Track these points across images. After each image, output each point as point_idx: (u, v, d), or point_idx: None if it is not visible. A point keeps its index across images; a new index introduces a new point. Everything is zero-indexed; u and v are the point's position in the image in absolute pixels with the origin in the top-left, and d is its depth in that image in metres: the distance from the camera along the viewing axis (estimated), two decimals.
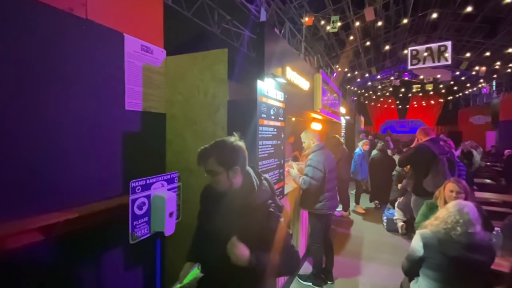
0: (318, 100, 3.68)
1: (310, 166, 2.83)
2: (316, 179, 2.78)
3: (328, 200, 2.90)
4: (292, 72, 2.85)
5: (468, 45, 12.03)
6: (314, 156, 2.90)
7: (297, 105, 3.34)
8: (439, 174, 3.14)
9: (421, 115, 19.63)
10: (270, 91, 2.28)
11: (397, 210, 4.71)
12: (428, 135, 3.38)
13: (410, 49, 10.31)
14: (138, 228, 1.75)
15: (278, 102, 2.46)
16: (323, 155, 2.89)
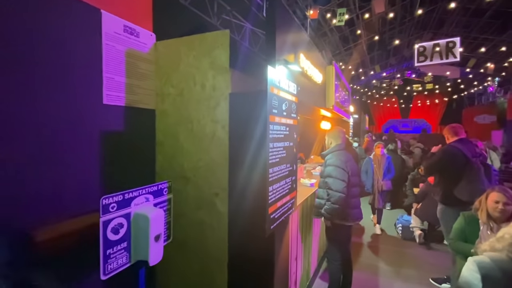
0: (331, 95, 3.25)
1: (332, 166, 2.41)
2: (342, 179, 2.36)
3: (353, 208, 2.48)
4: (306, 60, 2.42)
5: (475, 42, 11.61)
6: (333, 156, 2.49)
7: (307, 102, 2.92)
8: (474, 180, 2.71)
9: (425, 115, 19.21)
10: (282, 81, 1.85)
11: (413, 217, 4.28)
12: (458, 134, 2.95)
13: (417, 45, 9.91)
14: (114, 258, 1.32)
15: (291, 96, 2.03)
16: (344, 156, 2.47)
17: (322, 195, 2.50)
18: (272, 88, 1.70)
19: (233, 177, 1.87)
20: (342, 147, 2.57)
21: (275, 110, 1.74)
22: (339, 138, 2.59)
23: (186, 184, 1.98)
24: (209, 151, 1.92)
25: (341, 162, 2.41)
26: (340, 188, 2.31)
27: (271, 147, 1.70)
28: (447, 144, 2.99)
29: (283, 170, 1.90)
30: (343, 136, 2.61)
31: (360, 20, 9.36)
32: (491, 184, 2.71)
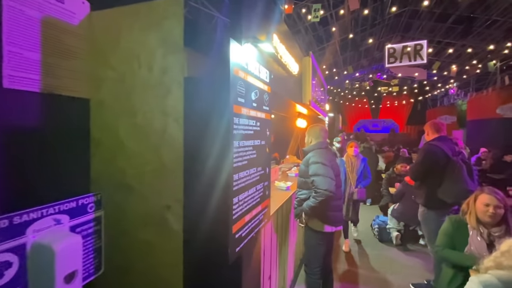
0: (307, 90, 2.95)
1: (318, 164, 2.09)
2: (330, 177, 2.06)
3: (333, 211, 2.18)
4: (280, 44, 2.07)
5: (439, 46, 12.17)
6: (317, 153, 2.18)
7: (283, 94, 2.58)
8: (457, 180, 2.54)
9: (393, 115, 20.02)
10: (251, 64, 1.48)
11: (390, 218, 4.14)
12: (439, 131, 2.79)
13: (387, 47, 10.10)
14: None
15: (262, 84, 1.66)
16: (327, 154, 2.18)
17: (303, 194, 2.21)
18: (237, 70, 1.31)
19: (189, 185, 1.46)
20: (324, 145, 2.28)
21: (242, 99, 1.36)
22: (320, 136, 2.29)
23: (129, 194, 1.52)
24: (159, 152, 1.49)
25: (325, 159, 2.13)
26: (330, 187, 2.02)
27: (237, 146, 1.31)
28: (427, 142, 2.82)
29: (252, 175, 1.53)
30: (324, 134, 2.32)
31: (334, 19, 9.32)
32: (474, 183, 2.56)
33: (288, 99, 2.85)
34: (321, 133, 2.28)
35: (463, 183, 2.50)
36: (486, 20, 9.19)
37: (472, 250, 1.98)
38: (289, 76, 2.58)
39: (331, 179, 2.03)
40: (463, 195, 2.53)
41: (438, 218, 2.73)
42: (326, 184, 1.99)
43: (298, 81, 2.94)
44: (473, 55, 11.60)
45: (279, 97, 2.66)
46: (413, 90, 17.72)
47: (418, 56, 9.71)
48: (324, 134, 2.30)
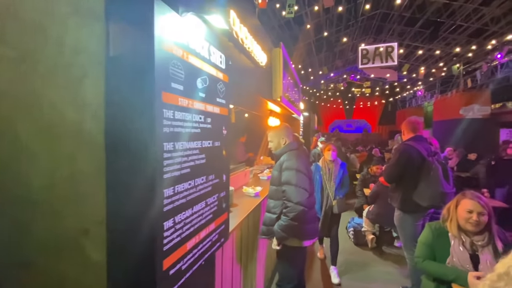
0: (278, 85, 2.65)
1: (291, 170, 1.78)
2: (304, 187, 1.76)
3: (310, 222, 1.88)
4: (241, 25, 1.73)
5: (408, 50, 12.59)
6: (290, 156, 1.86)
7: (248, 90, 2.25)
8: (433, 182, 2.37)
9: (365, 115, 20.57)
10: (195, 40, 1.13)
11: (365, 220, 3.98)
12: (415, 130, 2.61)
13: (360, 48, 10.18)
14: None
15: (215, 69, 1.31)
16: (300, 157, 1.87)
17: (275, 207, 1.87)
18: (170, 46, 0.96)
19: (114, 201, 1.08)
20: (295, 146, 1.97)
21: (179, 86, 1.00)
22: (286, 137, 1.98)
23: (33, 211, 1.11)
24: (73, 156, 1.09)
25: (300, 164, 1.82)
26: (303, 200, 1.71)
27: (170, 149, 0.95)
28: (402, 143, 2.64)
29: (200, 186, 1.17)
30: (290, 134, 2.01)
31: (309, 18, 9.21)
32: (450, 186, 2.41)
33: (257, 94, 2.53)
34: (286, 132, 1.98)
35: (439, 185, 2.34)
36: (451, 25, 9.57)
37: (455, 262, 1.78)
38: (256, 68, 2.25)
39: (305, 190, 1.73)
40: (439, 198, 2.38)
41: (414, 222, 2.56)
42: (298, 196, 1.69)
43: (267, 75, 2.63)
44: (439, 58, 12.12)
45: (246, 92, 2.33)
46: (384, 91, 18.31)
47: (389, 58, 9.89)
48: (290, 133, 2.00)
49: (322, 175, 3.15)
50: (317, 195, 3.08)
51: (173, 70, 0.97)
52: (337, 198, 3.08)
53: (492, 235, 1.75)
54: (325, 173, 3.15)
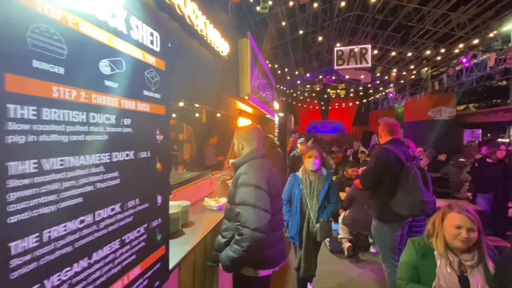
0: (245, 81, 2.30)
1: (247, 187, 1.38)
2: (264, 208, 1.35)
3: (272, 247, 1.52)
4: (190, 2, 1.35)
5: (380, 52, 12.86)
6: (248, 168, 1.46)
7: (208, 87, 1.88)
8: (412, 190, 2.15)
9: (340, 116, 20.92)
10: (97, 3, 0.74)
11: (341, 227, 3.76)
12: (393, 133, 2.40)
13: (336, 49, 10.17)
14: None
15: (138, 49, 0.93)
16: (263, 169, 1.50)
17: (226, 230, 1.49)
18: (33, 1, 0.57)
19: None
20: (260, 153, 1.57)
21: (54, 67, 0.62)
22: (253, 140, 1.62)
23: None
24: None
25: (261, 179, 1.41)
26: (263, 225, 1.31)
27: (25, 173, 0.56)
28: (379, 147, 2.41)
29: (109, 220, 0.78)
30: (259, 137, 1.65)
31: (285, 17, 8.98)
32: (430, 193, 2.21)
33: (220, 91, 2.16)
34: (255, 135, 1.61)
35: (418, 193, 2.13)
36: (420, 30, 9.82)
37: (442, 285, 1.54)
38: (216, 59, 1.88)
39: (265, 212, 1.34)
40: (418, 207, 2.17)
41: (393, 232, 2.34)
42: (257, 221, 1.29)
43: (232, 70, 2.28)
44: (409, 62, 12.50)
45: (204, 87, 1.95)
46: (358, 93, 18.71)
47: (363, 60, 9.97)
48: (258, 136, 1.63)
49: (301, 189, 2.39)
50: (294, 217, 2.38)
51: (37, 40, 0.58)
52: (320, 221, 2.35)
53: (482, 253, 1.53)
54: (306, 187, 2.38)
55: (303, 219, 2.36)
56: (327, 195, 2.39)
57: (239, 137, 1.62)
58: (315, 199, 2.34)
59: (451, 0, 8.21)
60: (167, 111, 1.09)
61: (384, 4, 9.28)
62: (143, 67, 0.95)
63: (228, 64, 2.19)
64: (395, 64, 13.16)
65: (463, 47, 9.28)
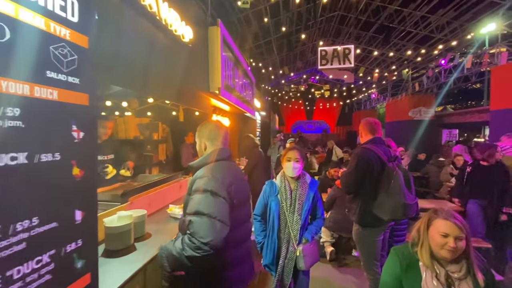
0: (216, 73, 2.07)
1: (203, 193, 1.13)
2: (222, 219, 1.11)
3: (235, 265, 1.27)
4: None
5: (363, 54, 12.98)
6: (207, 171, 1.22)
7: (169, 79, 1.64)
8: (394, 192, 2.00)
9: (325, 116, 21.06)
10: None
11: (323, 230, 3.60)
12: (374, 132, 2.24)
13: (320, 49, 10.14)
14: None
15: (37, 15, 0.68)
16: (227, 172, 1.26)
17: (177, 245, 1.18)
18: None
19: None
20: (224, 154, 1.33)
21: None
22: (217, 139, 1.38)
23: None
24: None
25: (220, 184, 1.17)
26: (216, 240, 1.06)
27: None
28: (360, 146, 2.24)
29: None
30: (224, 135, 1.42)
31: (269, 14, 8.81)
32: (412, 196, 2.07)
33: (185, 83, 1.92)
34: (218, 133, 1.37)
35: (401, 195, 1.98)
36: (401, 31, 9.95)
37: None
38: (175, 45, 1.63)
39: (223, 225, 1.10)
40: (401, 211, 2.02)
41: (374, 237, 2.19)
42: (210, 234, 1.05)
43: (200, 60, 2.04)
44: (391, 63, 12.69)
45: (161, 78, 1.70)
46: (342, 93, 18.90)
47: (346, 60, 9.98)
48: (223, 134, 1.39)
49: (280, 201, 1.86)
50: (269, 239, 1.86)
51: None
52: (304, 242, 1.83)
53: (471, 264, 1.39)
54: (284, 199, 1.85)
55: (281, 241, 1.83)
56: (312, 209, 1.91)
57: (201, 135, 1.38)
58: (296, 214, 1.82)
59: (430, 3, 8.35)
60: (92, 101, 0.84)
61: (366, 5, 9.32)
62: (47, 39, 0.70)
63: (195, 54, 1.95)
64: (377, 65, 13.34)
65: (441, 49, 9.48)
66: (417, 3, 8.53)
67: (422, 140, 10.13)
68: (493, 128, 7.05)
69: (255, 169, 3.92)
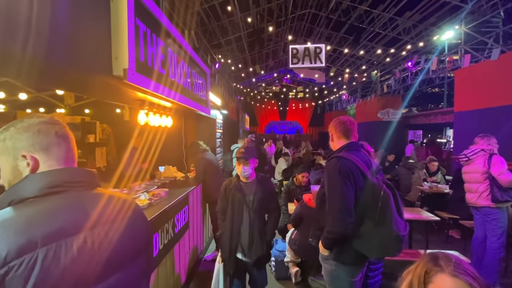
0: (121, 48, 1.34)
1: None
2: None
3: None
4: None
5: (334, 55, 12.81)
6: None
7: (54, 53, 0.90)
8: (385, 220, 1.42)
9: (298, 117, 20.86)
10: None
11: (288, 250, 3.00)
12: (348, 134, 1.65)
13: (291, 47, 9.68)
14: None
15: None
16: None
17: None
18: None
19: None
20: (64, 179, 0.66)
21: None
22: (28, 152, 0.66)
23: None
24: None
25: None
26: None
27: None
28: (332, 157, 1.63)
29: None
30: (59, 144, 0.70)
31: (237, 8, 8.14)
32: (404, 223, 1.51)
33: (76, 63, 1.18)
34: (41, 131, 0.67)
35: (391, 224, 1.41)
36: (371, 32, 9.81)
37: None
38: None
39: None
40: (393, 245, 1.45)
41: (351, 277, 1.61)
42: None
43: (96, 29, 1.32)
44: (360, 65, 12.65)
45: None
46: (314, 94, 18.79)
47: (318, 59, 9.63)
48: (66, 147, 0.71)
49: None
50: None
51: None
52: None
53: None
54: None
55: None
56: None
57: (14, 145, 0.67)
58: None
59: (398, 4, 8.23)
60: None
61: (337, 4, 9.03)
62: None
63: (91, 18, 1.22)
64: (348, 67, 13.25)
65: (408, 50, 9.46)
66: (385, 4, 8.37)
67: (390, 141, 10.11)
68: (457, 129, 7.04)
69: (207, 175, 3.30)
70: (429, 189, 4.52)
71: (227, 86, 11.06)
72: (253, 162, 1.93)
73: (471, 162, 2.65)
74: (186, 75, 2.44)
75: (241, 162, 1.90)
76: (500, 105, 5.36)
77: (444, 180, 4.97)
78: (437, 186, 4.59)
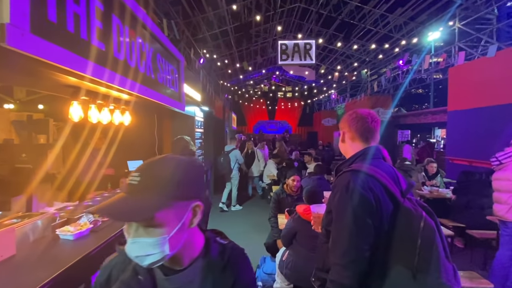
0: None
1: None
2: None
3: None
4: None
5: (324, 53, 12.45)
6: None
7: None
8: (428, 264, 0.91)
9: (287, 116, 20.43)
10: None
11: (278, 274, 2.46)
12: (368, 136, 1.14)
13: (280, 42, 9.22)
14: None
15: None
16: None
17: None
18: None
19: None
20: None
21: None
22: None
23: None
24: None
25: None
26: None
27: None
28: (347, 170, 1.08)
29: None
30: None
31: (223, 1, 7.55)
32: (451, 265, 1.01)
33: None
34: None
35: (439, 271, 0.90)
36: (362, 29, 9.47)
37: None
38: None
39: None
40: None
41: None
42: None
43: None
44: (350, 64, 12.34)
45: None
46: (303, 93, 18.42)
47: (307, 56, 9.20)
48: None
49: None
50: None
51: None
52: None
53: None
54: None
55: None
56: None
57: None
58: None
59: (389, 0, 7.91)
60: None
61: None
62: None
63: None
64: (338, 65, 12.92)
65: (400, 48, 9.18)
66: (376, 0, 8.04)
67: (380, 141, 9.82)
68: (450, 129, 6.78)
69: None
70: (430, 194, 4.14)
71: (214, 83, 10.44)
72: None
73: (504, 167, 2.21)
74: (146, 57, 1.86)
75: None
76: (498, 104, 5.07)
77: (443, 183, 4.60)
78: (437, 190, 4.21)
